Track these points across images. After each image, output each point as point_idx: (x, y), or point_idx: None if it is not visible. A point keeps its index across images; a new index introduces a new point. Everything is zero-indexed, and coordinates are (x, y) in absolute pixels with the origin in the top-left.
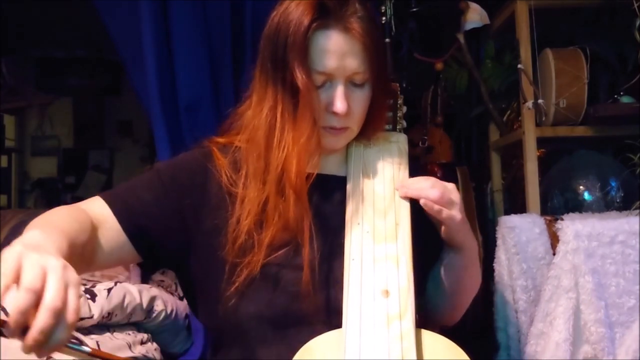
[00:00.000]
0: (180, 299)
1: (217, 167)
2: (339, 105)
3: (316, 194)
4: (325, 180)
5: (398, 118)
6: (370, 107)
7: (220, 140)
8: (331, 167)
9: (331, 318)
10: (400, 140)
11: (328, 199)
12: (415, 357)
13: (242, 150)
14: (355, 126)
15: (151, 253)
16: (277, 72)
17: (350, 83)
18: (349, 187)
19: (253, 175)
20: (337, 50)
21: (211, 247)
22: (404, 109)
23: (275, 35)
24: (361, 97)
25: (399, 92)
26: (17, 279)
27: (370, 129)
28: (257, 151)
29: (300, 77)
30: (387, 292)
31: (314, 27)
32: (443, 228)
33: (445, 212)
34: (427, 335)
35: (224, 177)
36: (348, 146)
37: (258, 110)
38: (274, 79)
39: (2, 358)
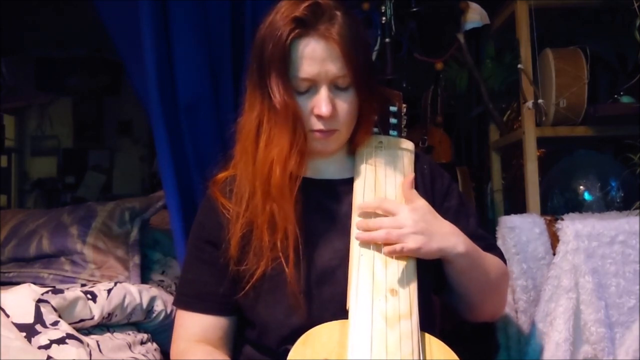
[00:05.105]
0: None
1: (223, 209)
2: (324, 108)
3: (325, 199)
4: (332, 185)
5: (402, 125)
6: (358, 110)
7: (220, 177)
8: (339, 172)
9: (336, 316)
10: (410, 149)
11: (338, 203)
12: (423, 355)
13: (238, 176)
14: (343, 128)
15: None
16: (263, 82)
17: (334, 87)
18: (357, 183)
19: (245, 182)
20: (317, 56)
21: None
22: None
23: (260, 47)
24: (346, 100)
25: (402, 100)
26: None
27: (360, 132)
28: (246, 156)
29: (277, 94)
30: (394, 291)
31: (292, 37)
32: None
33: (409, 247)
34: (422, 336)
35: (227, 216)
36: (358, 148)
37: (248, 116)
38: (260, 88)
39: (2, 358)
